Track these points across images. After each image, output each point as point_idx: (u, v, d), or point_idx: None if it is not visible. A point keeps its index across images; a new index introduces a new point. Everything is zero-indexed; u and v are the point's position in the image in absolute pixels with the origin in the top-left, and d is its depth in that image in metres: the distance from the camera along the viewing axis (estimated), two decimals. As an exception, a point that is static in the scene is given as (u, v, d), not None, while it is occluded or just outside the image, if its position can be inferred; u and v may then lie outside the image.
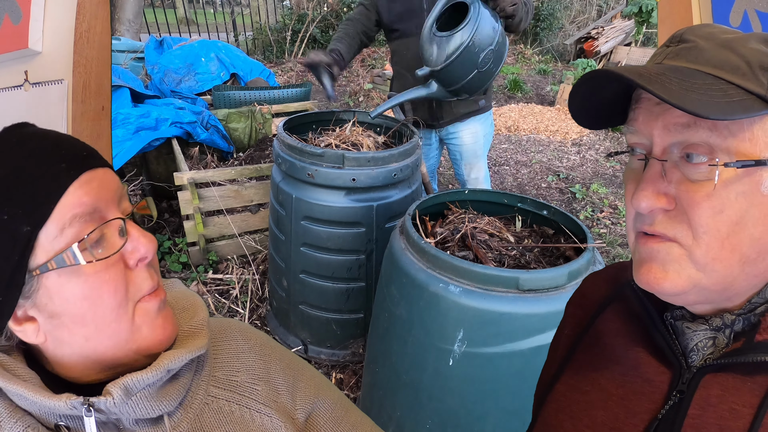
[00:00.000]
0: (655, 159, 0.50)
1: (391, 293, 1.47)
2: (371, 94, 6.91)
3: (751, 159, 0.46)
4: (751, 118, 0.46)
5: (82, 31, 1.07)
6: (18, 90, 1.11)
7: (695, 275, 0.49)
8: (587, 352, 0.66)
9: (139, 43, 5.91)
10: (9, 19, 1.08)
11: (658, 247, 0.50)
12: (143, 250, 0.55)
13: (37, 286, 0.51)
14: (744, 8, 0.95)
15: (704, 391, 0.51)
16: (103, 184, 0.54)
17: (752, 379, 0.49)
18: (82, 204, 0.51)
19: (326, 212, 2.03)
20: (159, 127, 3.13)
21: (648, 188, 0.49)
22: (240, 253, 3.06)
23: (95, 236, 0.52)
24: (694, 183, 0.48)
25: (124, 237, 0.55)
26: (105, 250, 0.53)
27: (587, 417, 0.61)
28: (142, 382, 0.54)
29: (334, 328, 2.29)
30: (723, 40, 0.49)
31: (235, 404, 0.65)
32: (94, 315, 0.53)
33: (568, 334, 0.72)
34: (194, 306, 0.67)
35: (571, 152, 5.10)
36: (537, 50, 10.47)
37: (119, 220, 0.55)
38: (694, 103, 0.44)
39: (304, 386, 0.73)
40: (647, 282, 0.51)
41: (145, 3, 8.16)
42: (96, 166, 0.54)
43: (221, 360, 0.68)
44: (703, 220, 0.47)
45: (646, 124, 0.51)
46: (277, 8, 9.88)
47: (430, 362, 1.37)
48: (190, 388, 0.62)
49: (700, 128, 0.47)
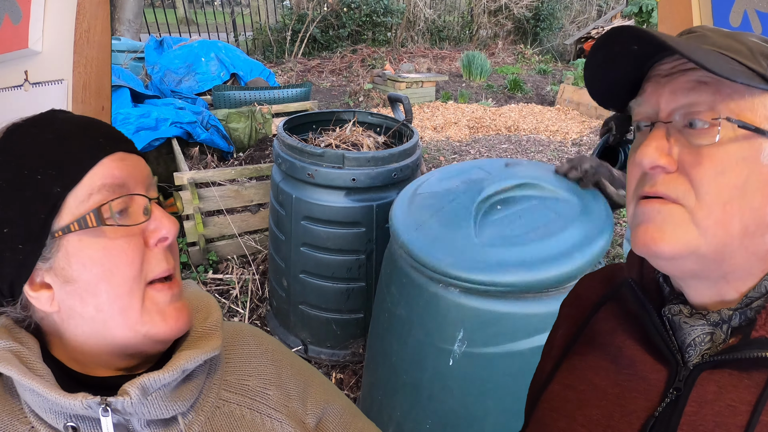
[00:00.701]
0: (660, 122, 0.51)
1: (391, 293, 1.47)
2: (371, 94, 6.91)
3: (751, 124, 0.47)
4: (751, 90, 0.48)
5: (82, 31, 1.07)
6: (18, 90, 1.11)
7: (695, 240, 0.49)
8: (582, 352, 0.66)
9: (139, 43, 5.92)
10: (9, 19, 1.08)
11: (659, 208, 0.50)
12: (164, 231, 0.56)
13: (57, 247, 0.52)
14: (744, 8, 0.95)
15: (701, 388, 0.51)
16: (136, 166, 0.57)
17: (749, 375, 0.49)
18: (113, 176, 0.54)
19: (326, 212, 2.03)
20: (159, 127, 3.14)
21: (651, 144, 0.50)
22: (240, 253, 3.06)
23: (119, 204, 0.54)
24: (697, 147, 0.49)
25: (148, 215, 0.56)
26: (128, 221, 0.55)
27: (582, 416, 0.61)
28: (159, 382, 0.54)
29: (334, 328, 2.29)
30: (727, 32, 0.52)
31: (246, 408, 0.65)
32: (108, 284, 0.53)
33: (562, 334, 0.72)
34: (208, 307, 0.67)
35: (571, 152, 5.09)
36: (537, 50, 10.48)
37: (145, 198, 0.57)
38: (703, 58, 0.45)
39: (315, 392, 0.73)
40: (644, 243, 0.51)
41: (145, 3, 8.16)
42: (131, 151, 0.58)
43: (233, 364, 0.68)
44: (705, 180, 0.48)
45: (654, 93, 0.52)
46: (277, 8, 9.88)
47: (430, 362, 1.37)
48: (203, 390, 0.62)
49: (704, 92, 0.49)
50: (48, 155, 0.52)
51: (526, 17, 10.82)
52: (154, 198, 0.58)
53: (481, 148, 5.26)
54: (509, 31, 11.10)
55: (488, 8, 10.80)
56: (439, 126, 5.92)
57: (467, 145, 5.33)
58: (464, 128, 5.86)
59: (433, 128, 5.88)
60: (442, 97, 7.10)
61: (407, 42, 10.16)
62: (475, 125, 5.98)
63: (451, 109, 6.53)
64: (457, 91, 7.32)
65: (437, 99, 7.08)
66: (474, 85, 7.77)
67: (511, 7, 10.64)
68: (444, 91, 7.27)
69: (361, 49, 9.19)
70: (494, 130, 5.89)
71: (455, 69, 8.58)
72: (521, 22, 10.93)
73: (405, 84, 6.72)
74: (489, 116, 6.31)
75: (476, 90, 7.54)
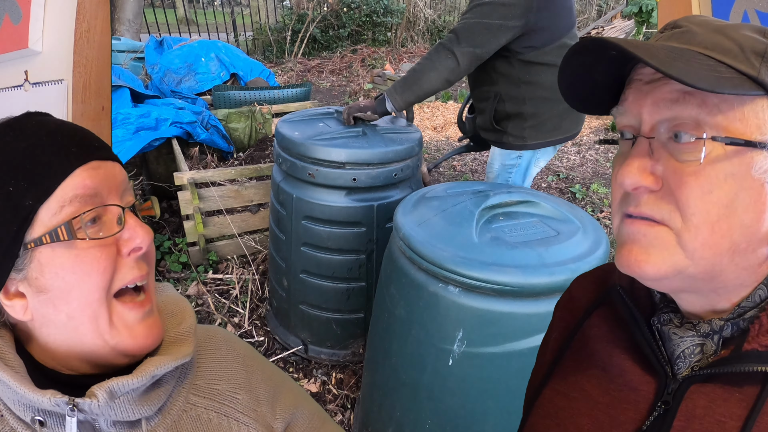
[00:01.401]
0: (642, 137, 0.48)
1: (391, 293, 1.48)
2: (371, 94, 6.91)
3: (741, 138, 0.44)
4: (741, 98, 0.44)
5: (82, 31, 1.07)
6: (18, 90, 1.11)
7: (681, 261, 0.47)
8: (574, 358, 0.65)
9: (139, 43, 5.91)
10: (9, 19, 1.08)
11: (645, 230, 0.48)
12: (138, 240, 0.56)
13: (30, 259, 0.52)
14: (744, 8, 0.95)
15: (690, 402, 0.50)
16: (109, 174, 0.56)
17: (740, 389, 0.47)
18: (85, 187, 0.53)
19: (327, 212, 2.03)
20: (159, 127, 3.13)
21: (634, 163, 0.47)
22: (240, 253, 3.06)
23: (91, 215, 0.53)
24: (682, 163, 0.46)
25: (121, 225, 0.56)
26: (100, 232, 0.54)
27: (573, 425, 0.60)
28: (127, 387, 0.54)
29: (334, 328, 2.29)
30: (716, 26, 0.48)
31: (213, 412, 0.65)
32: (80, 291, 0.53)
33: (555, 338, 0.71)
34: (182, 312, 0.67)
35: (571, 152, 5.09)
36: (537, 50, 10.46)
37: (118, 208, 0.56)
38: (681, 70, 0.42)
39: (285, 397, 0.74)
40: (628, 264, 0.49)
41: (145, 3, 8.16)
42: (105, 158, 0.57)
43: (204, 368, 0.69)
44: (692, 201, 0.45)
45: (636, 103, 0.49)
46: (277, 8, 9.88)
47: (429, 362, 1.37)
48: (171, 394, 0.63)
49: (688, 104, 0.45)
50: (19, 166, 0.51)
51: (526, 17, 10.81)
52: (128, 206, 0.58)
53: (481, 148, 5.26)
54: (509, 31, 11.08)
55: (488, 8, 10.79)
56: (439, 126, 5.92)
57: (467, 145, 5.33)
58: (464, 128, 5.86)
59: (433, 128, 5.88)
60: (442, 97, 7.11)
61: (407, 42, 10.16)
62: (475, 125, 5.98)
63: (451, 109, 6.53)
64: (457, 91, 7.32)
65: (437, 99, 7.08)
66: (474, 85, 7.77)
67: (511, 7, 10.63)
68: (444, 91, 7.27)
69: (361, 49, 9.19)
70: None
71: (455, 69, 8.57)
72: (521, 22, 10.92)
73: (405, 84, 6.71)
74: (489, 116, 6.30)
75: (476, 90, 7.53)
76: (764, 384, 0.46)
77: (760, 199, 0.45)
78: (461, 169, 4.68)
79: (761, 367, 0.46)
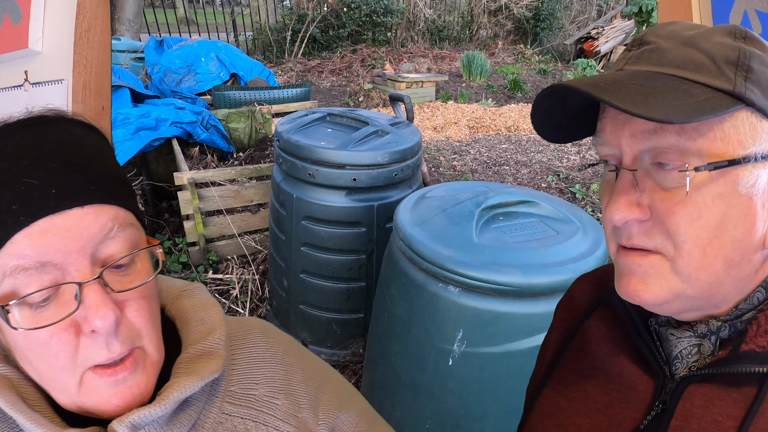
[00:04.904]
0: (625, 169, 0.48)
1: (391, 293, 1.48)
2: (371, 94, 6.91)
3: (723, 159, 0.44)
4: (720, 117, 0.44)
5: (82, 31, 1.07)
6: (18, 90, 1.11)
7: (679, 286, 0.48)
8: (574, 358, 0.65)
9: (139, 43, 5.92)
10: (9, 19, 1.08)
11: (640, 261, 0.49)
12: (97, 323, 0.46)
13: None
14: (744, 8, 0.95)
15: (687, 402, 0.50)
16: (72, 231, 0.46)
17: (737, 390, 0.48)
18: (24, 257, 0.44)
19: (327, 212, 2.03)
20: (159, 127, 3.13)
21: (620, 199, 0.47)
22: (240, 253, 3.06)
23: (39, 297, 0.45)
24: (668, 191, 0.46)
25: (78, 301, 0.46)
26: (52, 312, 0.46)
27: (572, 425, 0.60)
28: (150, 417, 0.50)
29: (334, 328, 2.29)
30: (685, 37, 0.47)
31: (251, 421, 0.60)
32: (38, 363, 0.48)
33: (555, 338, 0.71)
34: (212, 320, 0.61)
35: (571, 152, 5.10)
36: (537, 50, 10.48)
37: (73, 285, 0.46)
38: (655, 108, 0.42)
39: (327, 399, 0.68)
40: (627, 294, 0.50)
41: (145, 3, 8.16)
42: (69, 207, 0.46)
43: (239, 370, 0.63)
44: (681, 229, 0.45)
45: (613, 134, 0.49)
46: (277, 8, 9.88)
47: (429, 362, 1.37)
48: (204, 407, 0.58)
49: (667, 133, 0.45)
50: None
51: (526, 17, 10.82)
52: (105, 266, 0.48)
53: (481, 148, 5.26)
54: (509, 31, 11.10)
55: (488, 8, 10.80)
56: (439, 126, 5.92)
57: (467, 145, 5.33)
58: (464, 128, 5.86)
59: (433, 128, 5.88)
60: (442, 97, 7.10)
61: (407, 42, 10.16)
62: (475, 125, 5.98)
63: (451, 109, 6.53)
64: (457, 91, 7.32)
65: (437, 99, 7.08)
66: (474, 85, 7.77)
67: (511, 7, 10.65)
68: (444, 91, 7.27)
69: (361, 49, 9.19)
70: (494, 130, 5.89)
71: (455, 69, 8.58)
72: (521, 22, 10.94)
73: (405, 84, 6.72)
74: (489, 116, 6.31)
75: (476, 90, 7.53)
76: (761, 385, 0.46)
77: (750, 212, 0.45)
78: (461, 169, 4.68)
79: (759, 368, 0.46)
